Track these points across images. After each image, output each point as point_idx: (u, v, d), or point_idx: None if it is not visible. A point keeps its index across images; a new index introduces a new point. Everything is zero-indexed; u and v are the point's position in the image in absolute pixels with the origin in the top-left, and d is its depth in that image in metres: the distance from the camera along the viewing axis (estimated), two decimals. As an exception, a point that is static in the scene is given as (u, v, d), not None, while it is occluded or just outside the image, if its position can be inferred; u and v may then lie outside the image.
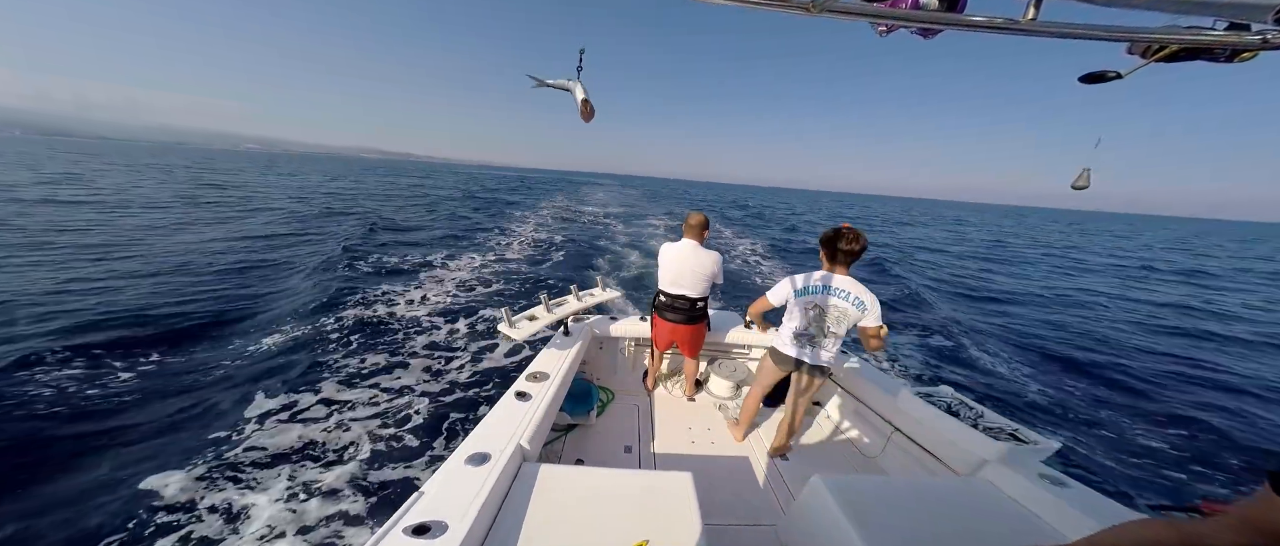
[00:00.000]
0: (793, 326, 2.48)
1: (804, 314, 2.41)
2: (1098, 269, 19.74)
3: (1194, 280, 18.11)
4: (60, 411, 3.94)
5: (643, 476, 1.87)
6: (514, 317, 2.72)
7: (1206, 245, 40.83)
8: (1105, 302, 12.26)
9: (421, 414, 4.29)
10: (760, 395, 2.82)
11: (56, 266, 8.04)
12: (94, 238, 10.56)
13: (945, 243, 26.08)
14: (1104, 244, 34.42)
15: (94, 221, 12.65)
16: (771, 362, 2.67)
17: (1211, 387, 6.46)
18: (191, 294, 7.17)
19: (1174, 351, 8.10)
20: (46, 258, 8.51)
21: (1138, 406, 5.71)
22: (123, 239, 10.65)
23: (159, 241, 10.76)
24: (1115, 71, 1.30)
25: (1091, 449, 4.62)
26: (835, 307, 2.32)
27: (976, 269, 17.00)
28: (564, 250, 13.54)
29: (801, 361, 2.50)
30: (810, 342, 2.44)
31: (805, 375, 2.56)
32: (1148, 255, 27.20)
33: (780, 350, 2.57)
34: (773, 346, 2.65)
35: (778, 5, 0.97)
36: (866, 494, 1.80)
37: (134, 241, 10.52)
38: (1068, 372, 6.80)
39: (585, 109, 1.73)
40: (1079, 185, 1.93)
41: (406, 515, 1.38)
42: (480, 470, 1.60)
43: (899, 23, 1.04)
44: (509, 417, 2.00)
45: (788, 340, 2.52)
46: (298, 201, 21.97)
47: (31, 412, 3.87)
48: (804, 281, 2.42)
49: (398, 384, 4.80)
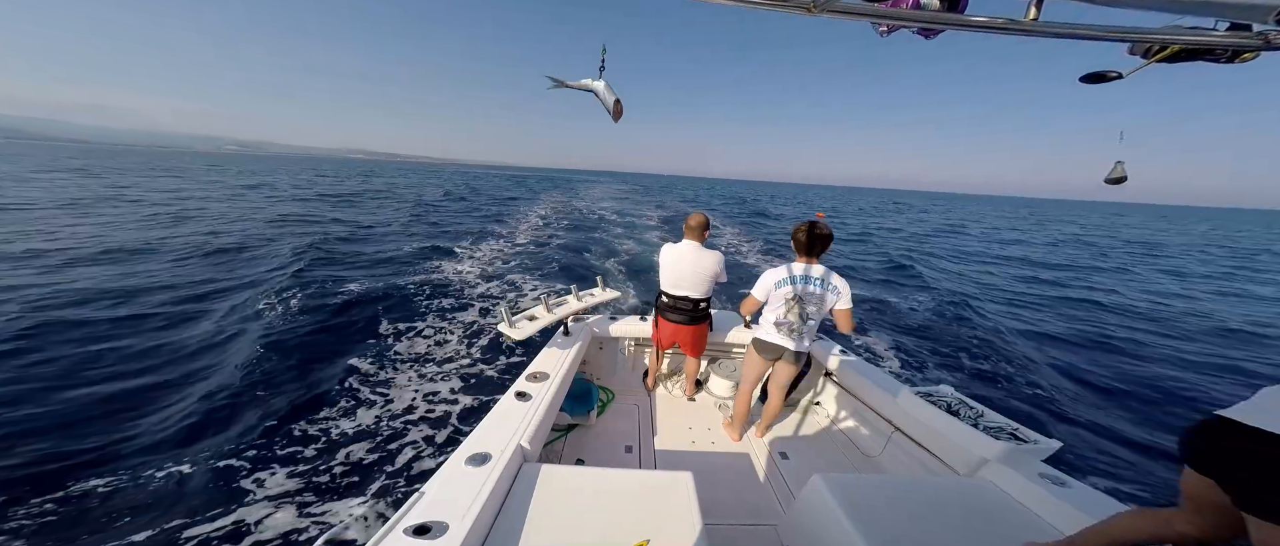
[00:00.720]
0: (773, 316, 2.61)
1: (784, 303, 2.54)
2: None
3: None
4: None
5: (643, 476, 1.87)
6: (514, 318, 2.72)
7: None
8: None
9: (421, 414, 4.29)
10: (750, 391, 2.89)
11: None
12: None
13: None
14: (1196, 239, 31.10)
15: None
16: (756, 354, 2.76)
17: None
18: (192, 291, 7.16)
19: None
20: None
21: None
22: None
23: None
24: (1116, 71, 1.30)
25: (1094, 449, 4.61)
26: (813, 295, 2.48)
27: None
28: (562, 249, 13.54)
29: (784, 349, 2.61)
30: (790, 330, 2.57)
31: (787, 363, 2.68)
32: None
33: (764, 339, 2.68)
34: (755, 337, 2.74)
35: (778, 5, 0.97)
36: (867, 493, 1.80)
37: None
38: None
39: (617, 109, 1.69)
40: (1115, 178, 1.84)
41: (407, 515, 1.38)
42: (480, 470, 1.61)
43: (900, 23, 1.04)
44: (509, 418, 2.00)
45: (769, 329, 2.64)
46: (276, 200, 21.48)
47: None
48: (783, 273, 2.54)
49: (397, 384, 4.80)
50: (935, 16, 1.00)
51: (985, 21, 1.00)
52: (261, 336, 5.65)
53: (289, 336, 5.76)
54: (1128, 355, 7.39)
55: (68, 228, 12.02)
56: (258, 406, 4.20)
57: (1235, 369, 7.02)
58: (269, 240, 12.21)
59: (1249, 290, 13.79)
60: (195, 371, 4.86)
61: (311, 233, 13.46)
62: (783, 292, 2.53)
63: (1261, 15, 0.89)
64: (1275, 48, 1.01)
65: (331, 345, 5.61)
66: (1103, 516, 1.61)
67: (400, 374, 5.01)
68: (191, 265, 9.16)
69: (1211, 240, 34.18)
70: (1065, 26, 0.99)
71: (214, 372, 4.83)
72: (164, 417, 4.01)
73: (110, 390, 4.37)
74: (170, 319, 6.26)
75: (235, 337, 5.75)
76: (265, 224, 15.05)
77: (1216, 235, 40.59)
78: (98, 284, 7.40)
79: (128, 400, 4.25)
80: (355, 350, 5.51)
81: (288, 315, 6.49)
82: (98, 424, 3.86)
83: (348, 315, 6.68)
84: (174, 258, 9.58)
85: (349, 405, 4.33)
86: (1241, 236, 40.88)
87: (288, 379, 4.72)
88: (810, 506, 1.91)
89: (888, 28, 1.12)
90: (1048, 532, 1.70)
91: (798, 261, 2.55)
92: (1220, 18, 0.98)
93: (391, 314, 6.87)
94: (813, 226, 2.49)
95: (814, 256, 2.51)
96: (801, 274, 2.48)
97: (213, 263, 9.50)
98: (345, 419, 4.12)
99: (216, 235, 12.34)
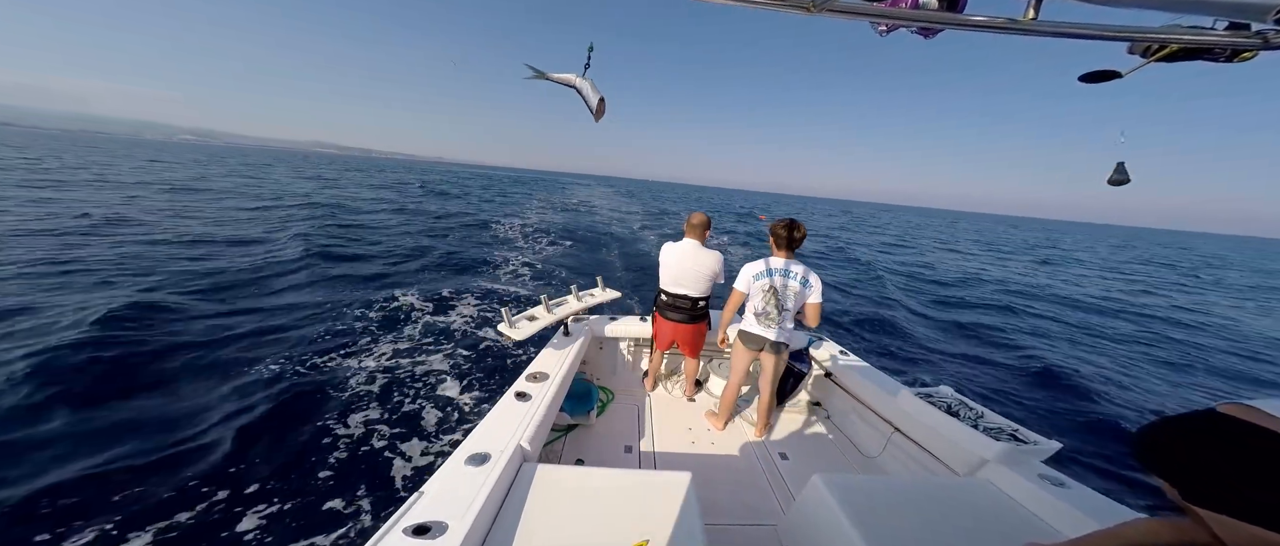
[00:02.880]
0: (753, 308, 2.75)
1: (763, 295, 2.68)
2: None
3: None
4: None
5: (643, 476, 1.87)
6: (513, 318, 2.72)
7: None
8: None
9: (421, 414, 4.28)
10: (738, 383, 2.98)
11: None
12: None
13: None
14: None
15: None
16: (742, 346, 2.86)
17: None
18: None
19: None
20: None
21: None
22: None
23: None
24: (1115, 71, 1.30)
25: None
26: (788, 287, 2.64)
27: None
28: (561, 248, 13.54)
29: (767, 339, 2.73)
30: (769, 320, 2.70)
31: (772, 354, 2.79)
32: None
33: (748, 331, 2.80)
34: (740, 330, 2.86)
35: (778, 5, 0.97)
36: (866, 493, 1.80)
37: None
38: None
39: (600, 108, 1.67)
40: (1117, 179, 1.79)
41: (406, 515, 1.38)
42: (480, 470, 1.60)
43: (899, 22, 1.04)
44: (509, 418, 2.00)
45: (751, 321, 2.78)
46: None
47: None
48: (762, 266, 2.69)
49: (397, 384, 4.79)
50: (935, 16, 1.00)
51: (985, 21, 1.00)
52: (261, 334, 5.65)
53: (289, 336, 5.76)
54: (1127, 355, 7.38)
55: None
56: (257, 406, 4.20)
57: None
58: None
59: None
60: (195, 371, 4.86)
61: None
62: (761, 284, 2.67)
63: (1260, 14, 0.89)
64: (1273, 47, 1.01)
65: (331, 345, 5.61)
66: (1102, 517, 1.61)
67: (400, 374, 5.01)
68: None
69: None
70: (1064, 26, 0.99)
71: (211, 372, 4.83)
72: (164, 416, 4.01)
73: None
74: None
75: (237, 335, 5.74)
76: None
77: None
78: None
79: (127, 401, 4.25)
80: (355, 350, 5.51)
81: (287, 315, 6.49)
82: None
83: (348, 315, 6.68)
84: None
85: (349, 405, 4.33)
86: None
87: (285, 378, 4.72)
88: (810, 507, 1.91)
89: (887, 27, 1.12)
90: (1047, 533, 1.70)
91: (776, 256, 2.71)
92: (1219, 17, 0.98)
93: (391, 314, 6.87)
94: (792, 224, 2.67)
95: (791, 252, 2.69)
96: (779, 268, 2.66)
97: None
98: (345, 418, 4.11)
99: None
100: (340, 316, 6.61)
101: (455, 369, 5.26)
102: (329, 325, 6.26)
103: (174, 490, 3.17)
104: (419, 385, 4.82)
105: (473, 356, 5.61)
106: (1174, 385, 6.94)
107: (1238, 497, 0.87)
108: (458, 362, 5.42)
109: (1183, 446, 0.98)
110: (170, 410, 4.10)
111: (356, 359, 5.28)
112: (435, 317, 6.88)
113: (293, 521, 2.97)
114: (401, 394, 4.61)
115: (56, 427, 3.68)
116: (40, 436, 3.56)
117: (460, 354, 5.65)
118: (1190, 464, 0.97)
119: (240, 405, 4.21)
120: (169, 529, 2.87)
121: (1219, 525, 0.91)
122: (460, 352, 5.69)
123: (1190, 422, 0.98)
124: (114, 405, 4.10)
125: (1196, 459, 0.95)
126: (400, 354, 5.53)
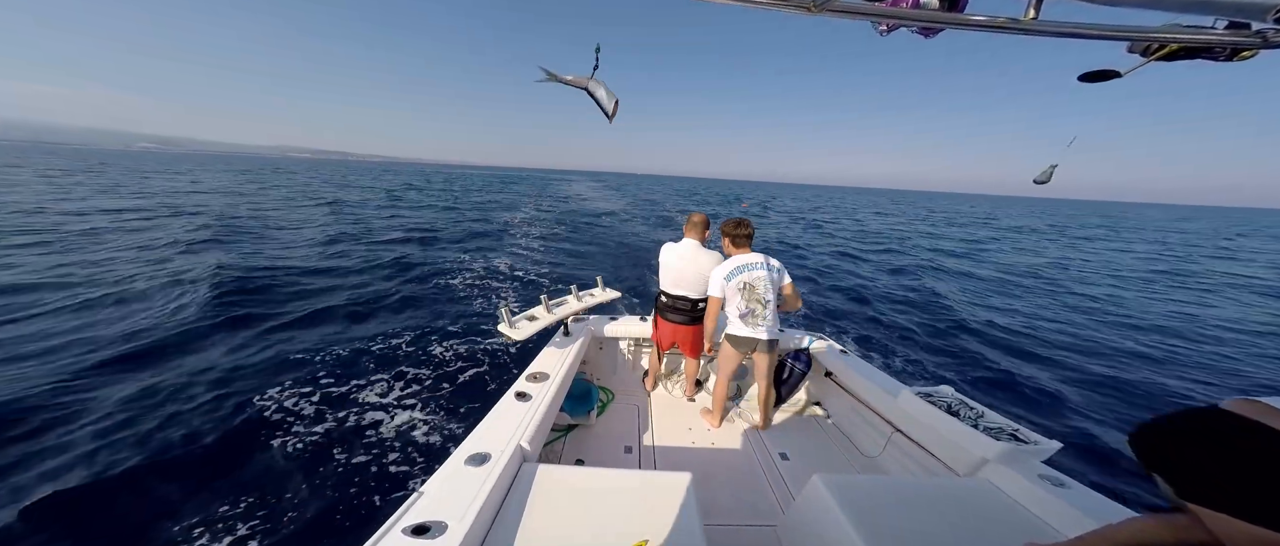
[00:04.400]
0: (736, 309, 2.73)
1: (739, 294, 2.68)
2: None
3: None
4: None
5: (642, 476, 1.87)
6: (513, 318, 2.71)
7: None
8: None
9: (421, 414, 4.28)
10: (727, 381, 3.00)
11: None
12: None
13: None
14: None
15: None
16: (730, 348, 2.86)
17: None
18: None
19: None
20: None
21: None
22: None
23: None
24: (1115, 70, 1.30)
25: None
26: (759, 279, 2.65)
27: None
28: (560, 248, 13.54)
29: (758, 340, 2.72)
30: (755, 319, 2.70)
31: (763, 352, 2.77)
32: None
33: (735, 333, 2.79)
34: (728, 333, 2.85)
35: (778, 5, 0.97)
36: (866, 494, 1.80)
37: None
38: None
39: (614, 109, 1.65)
40: (1041, 179, 2.09)
41: (406, 515, 1.38)
42: (480, 470, 1.60)
43: (900, 22, 1.04)
44: (509, 418, 2.00)
45: (737, 324, 2.76)
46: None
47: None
48: (729, 267, 2.69)
49: (397, 384, 4.79)
50: (935, 16, 1.00)
51: (985, 21, 1.00)
52: (259, 334, 5.65)
53: (288, 335, 5.75)
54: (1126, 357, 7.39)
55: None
56: (253, 406, 4.19)
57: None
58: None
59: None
60: (194, 371, 4.86)
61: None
62: (734, 284, 2.67)
63: (1260, 13, 0.89)
64: (1273, 46, 1.01)
65: (330, 345, 5.60)
66: (1103, 517, 1.61)
67: (400, 374, 5.01)
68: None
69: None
70: (1065, 25, 0.99)
71: (210, 373, 4.82)
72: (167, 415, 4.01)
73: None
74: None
75: (224, 336, 5.74)
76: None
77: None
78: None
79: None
80: (354, 349, 5.51)
81: (285, 314, 6.49)
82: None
83: (346, 314, 6.68)
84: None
85: (348, 404, 4.33)
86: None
87: (282, 378, 4.72)
88: (810, 507, 1.91)
89: (888, 27, 1.12)
90: (1048, 533, 1.70)
91: (733, 253, 2.74)
92: (1219, 16, 0.98)
93: (391, 313, 6.87)
94: (739, 221, 2.72)
95: (744, 246, 2.72)
96: (745, 263, 2.67)
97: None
98: (344, 418, 4.11)
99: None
100: (339, 315, 6.62)
101: (455, 369, 5.26)
102: (329, 324, 6.26)
103: (175, 490, 3.18)
104: (419, 385, 4.82)
105: (473, 356, 5.61)
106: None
107: (1227, 496, 0.88)
108: (458, 362, 5.42)
109: (1173, 445, 0.99)
110: (153, 409, 4.11)
111: (355, 359, 5.27)
112: (435, 317, 6.87)
113: (292, 522, 2.97)
114: (401, 393, 4.61)
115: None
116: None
117: (460, 353, 5.65)
118: (1180, 462, 0.97)
119: (240, 404, 4.21)
120: (164, 527, 2.87)
121: (1216, 523, 0.91)
122: (460, 352, 5.69)
123: (1183, 421, 0.98)
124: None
125: (1185, 457, 0.96)
126: (400, 353, 5.53)
